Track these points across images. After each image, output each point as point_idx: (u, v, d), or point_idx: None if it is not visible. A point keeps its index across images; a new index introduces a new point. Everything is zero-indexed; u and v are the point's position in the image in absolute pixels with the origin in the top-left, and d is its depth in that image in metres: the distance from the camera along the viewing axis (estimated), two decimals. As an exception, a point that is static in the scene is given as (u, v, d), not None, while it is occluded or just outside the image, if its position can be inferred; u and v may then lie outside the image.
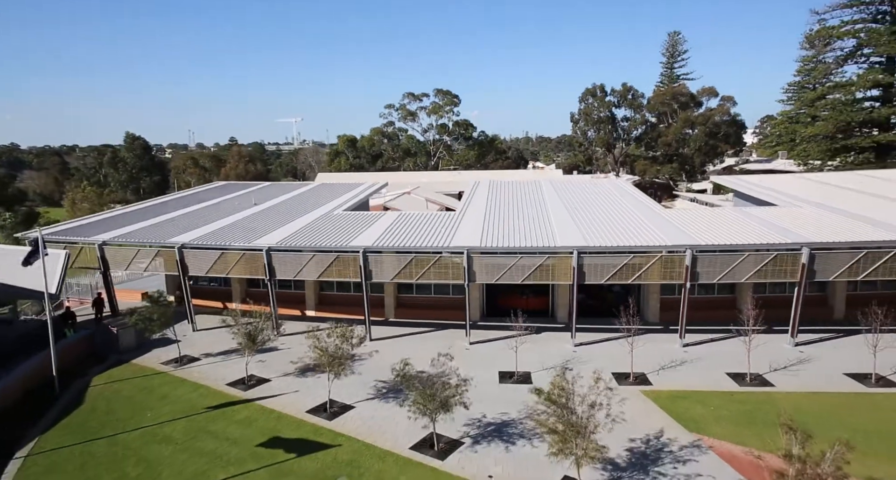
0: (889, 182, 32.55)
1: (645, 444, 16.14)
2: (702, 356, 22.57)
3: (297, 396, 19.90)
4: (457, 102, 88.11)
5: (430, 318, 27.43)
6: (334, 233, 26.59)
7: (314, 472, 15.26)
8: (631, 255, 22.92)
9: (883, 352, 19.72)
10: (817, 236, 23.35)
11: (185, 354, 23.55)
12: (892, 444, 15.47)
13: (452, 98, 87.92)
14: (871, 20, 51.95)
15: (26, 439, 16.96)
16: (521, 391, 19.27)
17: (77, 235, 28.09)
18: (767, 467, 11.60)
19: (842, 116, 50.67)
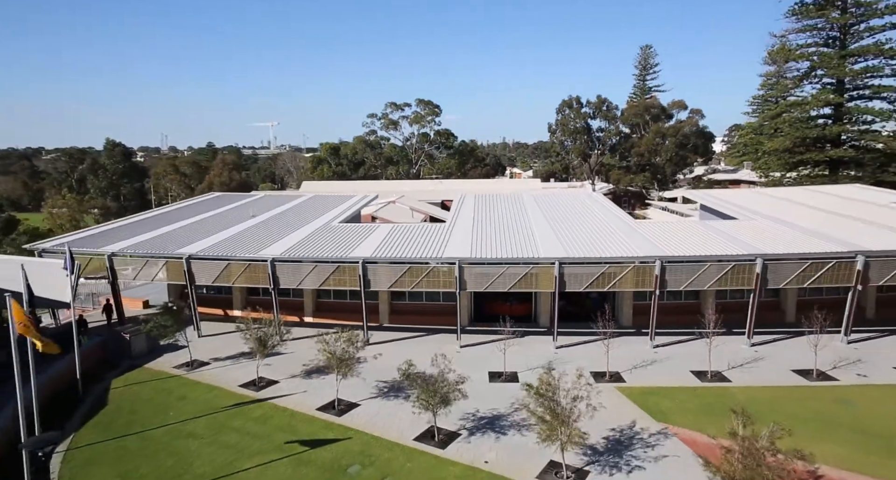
0: (833, 197, 35.94)
1: (619, 433, 18.49)
2: (670, 356, 25.13)
3: (306, 395, 21.76)
4: (438, 111, 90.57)
5: (422, 323, 29.46)
6: (333, 245, 28.52)
7: (330, 461, 17.20)
8: (607, 265, 25.41)
9: (823, 351, 22.57)
10: (770, 248, 26.19)
11: (195, 358, 25.18)
12: (823, 428, 18.12)
13: (434, 108, 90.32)
14: (823, 44, 56.10)
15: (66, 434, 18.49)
16: (509, 389, 21.52)
17: (84, 245, 29.38)
18: (719, 446, 14.00)
19: (798, 133, 54.53)
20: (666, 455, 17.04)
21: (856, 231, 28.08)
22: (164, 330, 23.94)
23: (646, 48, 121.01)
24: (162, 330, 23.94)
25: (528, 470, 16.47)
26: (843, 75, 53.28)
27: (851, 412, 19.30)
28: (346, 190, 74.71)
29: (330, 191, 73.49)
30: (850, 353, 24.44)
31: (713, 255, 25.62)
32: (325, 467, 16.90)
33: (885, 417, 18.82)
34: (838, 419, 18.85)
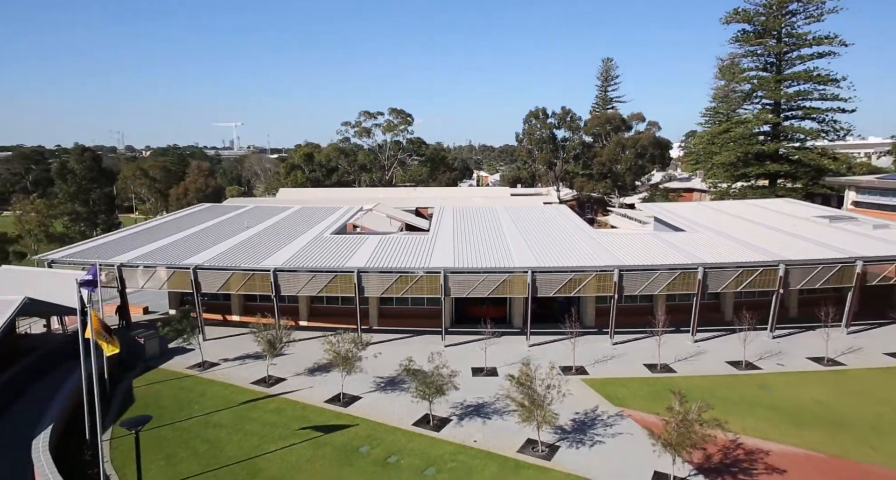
0: (765, 210, 40.96)
1: (584, 415, 22.19)
2: (626, 352, 29.10)
3: (313, 390, 24.73)
4: (410, 120, 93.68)
5: (408, 326, 32.67)
6: (329, 255, 31.47)
7: (343, 443, 20.29)
8: (573, 273, 29.22)
9: (751, 345, 26.98)
10: (710, 257, 30.51)
11: (205, 360, 27.74)
12: (746, 407, 22.24)
13: (406, 117, 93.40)
14: (762, 69, 62.02)
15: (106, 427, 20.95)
16: (490, 382, 25.01)
17: (92, 256, 31.43)
18: (662, 421, 17.77)
19: (741, 149, 60.18)
20: (621, 433, 20.82)
21: (780, 242, 32.80)
22: (181, 333, 26.43)
23: (607, 61, 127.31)
24: (178, 333, 26.43)
25: (510, 447, 19.95)
26: (779, 98, 59.19)
27: (769, 395, 23.56)
28: (323, 197, 77.16)
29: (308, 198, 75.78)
30: (773, 346, 28.95)
31: (663, 264, 29.75)
32: (340, 448, 19.98)
33: (794, 398, 23.14)
34: (758, 400, 23.06)
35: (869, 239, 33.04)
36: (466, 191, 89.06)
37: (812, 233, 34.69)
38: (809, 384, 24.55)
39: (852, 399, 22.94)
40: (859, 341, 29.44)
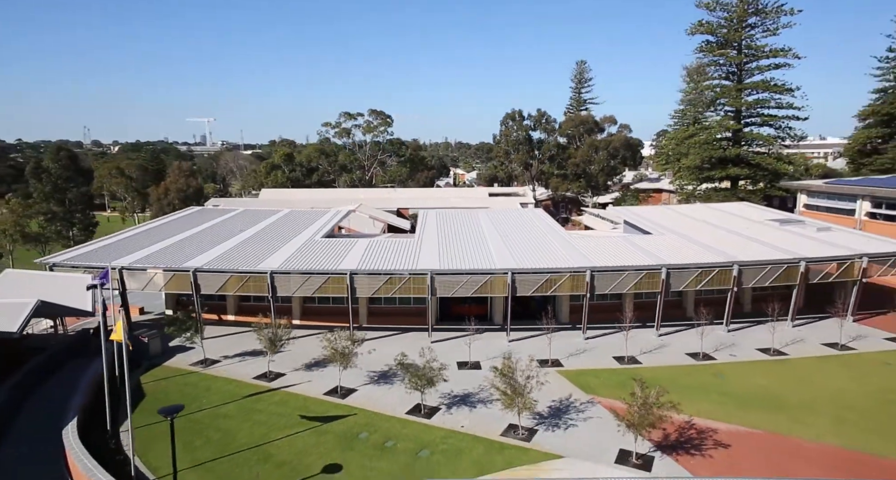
0: (724, 213, 44.41)
1: (559, 402, 24.80)
2: (597, 346, 31.86)
3: (311, 384, 26.81)
4: (389, 121, 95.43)
5: (396, 323, 34.90)
6: (322, 258, 33.47)
7: (344, 430, 22.48)
8: (549, 274, 31.83)
9: (708, 338, 30.02)
10: (673, 259, 33.48)
11: (206, 357, 29.52)
12: (701, 393, 25.13)
13: (385, 118, 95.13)
14: (725, 78, 65.86)
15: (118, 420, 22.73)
16: (475, 375, 27.47)
17: (92, 259, 32.84)
18: (625, 404, 20.43)
19: (705, 153, 63.88)
20: (591, 417, 23.49)
21: (735, 244, 36.02)
22: (185, 332, 28.17)
23: (581, 63, 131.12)
24: (182, 332, 28.16)
25: (494, 431, 22.42)
26: (740, 106, 63.02)
27: (722, 382, 26.56)
28: (305, 198, 78.57)
29: (290, 199, 77.17)
30: (727, 339, 32.08)
31: (631, 265, 32.58)
32: (341, 435, 22.18)
33: (743, 384, 26.18)
34: (712, 386, 26.02)
35: (812, 241, 36.53)
36: (446, 192, 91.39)
37: (764, 236, 38.05)
38: (756, 373, 27.66)
39: (791, 385, 26.09)
40: (802, 333, 32.84)
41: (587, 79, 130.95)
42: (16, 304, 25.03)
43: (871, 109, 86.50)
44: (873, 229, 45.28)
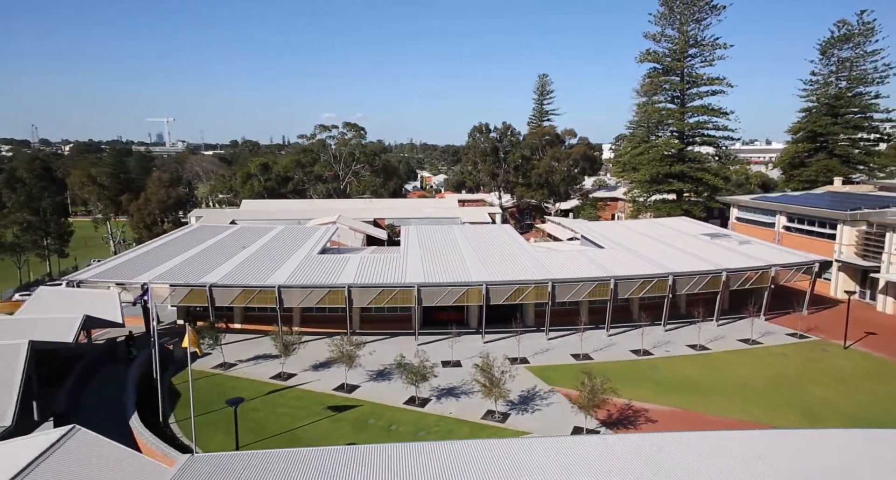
0: (666, 228, 51.44)
1: (527, 392, 30.57)
2: (558, 346, 37.87)
3: (321, 382, 31.82)
4: (363, 134, 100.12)
5: (385, 329, 40.11)
6: (321, 273, 38.43)
7: (354, 418, 27.67)
8: (517, 285, 37.67)
9: (648, 337, 36.48)
10: (620, 271, 39.81)
11: (225, 361, 34.11)
12: (640, 382, 31.32)
13: (359, 130, 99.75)
14: (670, 101, 73.54)
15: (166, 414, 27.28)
16: (457, 372, 32.99)
17: (114, 276, 36.88)
18: (577, 391, 26.32)
19: (653, 169, 71.36)
20: (552, 403, 29.37)
21: (672, 257, 42.73)
22: (208, 340, 32.71)
23: (543, 77, 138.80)
24: (206, 340, 32.69)
25: (476, 415, 28.00)
26: (683, 127, 70.72)
27: (657, 373, 32.93)
28: (286, 209, 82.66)
29: (272, 209, 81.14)
30: (664, 337, 38.64)
31: (585, 277, 38.75)
32: (353, 421, 27.37)
33: (672, 374, 32.60)
34: (649, 377, 32.33)
35: (734, 253, 43.63)
36: (419, 202, 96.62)
37: (696, 249, 44.98)
38: (684, 365, 34.20)
39: (710, 373, 32.69)
40: (723, 331, 39.76)
41: (549, 91, 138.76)
42: (67, 318, 29.15)
43: (798, 125, 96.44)
44: (788, 240, 53.20)
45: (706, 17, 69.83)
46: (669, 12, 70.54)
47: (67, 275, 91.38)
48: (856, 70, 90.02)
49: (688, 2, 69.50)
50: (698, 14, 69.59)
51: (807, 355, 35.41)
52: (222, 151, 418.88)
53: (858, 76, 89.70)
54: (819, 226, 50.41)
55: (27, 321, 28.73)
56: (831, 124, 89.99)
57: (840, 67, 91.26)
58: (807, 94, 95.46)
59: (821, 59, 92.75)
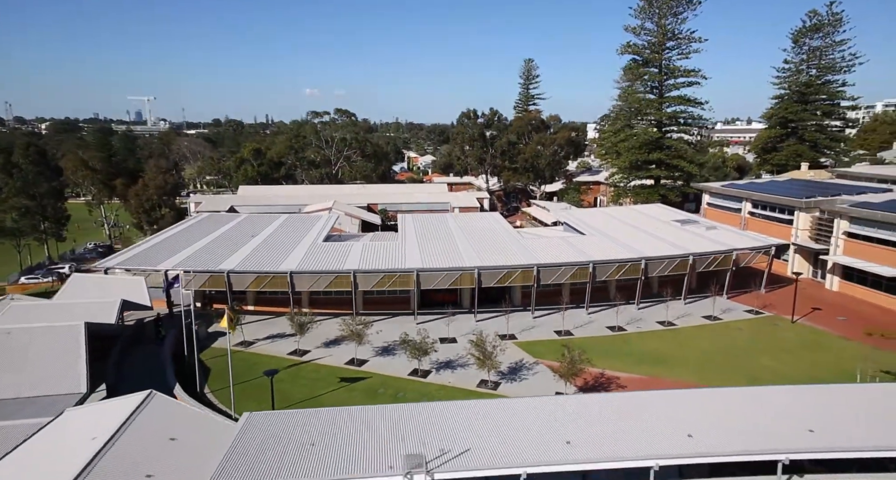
0: (642, 215, 55.88)
1: (515, 364, 34.94)
2: (543, 323, 42.24)
3: (333, 357, 35.88)
4: (355, 120, 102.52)
5: (385, 309, 44.11)
6: (327, 259, 42.16)
7: (365, 388, 31.83)
8: (506, 269, 41.82)
9: (622, 314, 41.06)
10: (599, 256, 44.07)
11: (245, 339, 37.95)
12: (614, 354, 35.87)
13: (351, 116, 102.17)
14: (649, 91, 77.42)
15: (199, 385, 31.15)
16: (453, 347, 37.21)
17: (136, 263, 40.30)
18: (559, 362, 30.71)
19: (632, 157, 75.56)
20: (537, 372, 33.80)
21: (645, 242, 47.15)
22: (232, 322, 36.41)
23: (528, 62, 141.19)
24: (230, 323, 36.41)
25: (471, 384, 32.30)
26: (660, 117, 74.77)
27: (629, 346, 37.52)
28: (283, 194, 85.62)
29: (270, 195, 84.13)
30: (637, 315, 43.27)
31: (567, 262, 42.98)
32: (364, 390, 31.54)
33: (642, 347, 37.22)
34: (622, 350, 36.91)
35: (701, 238, 48.19)
36: (410, 187, 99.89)
37: (667, 234, 49.46)
38: (653, 339, 38.85)
39: (675, 346, 37.38)
40: (690, 309, 44.49)
41: (534, 76, 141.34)
42: (107, 302, 32.69)
43: (771, 112, 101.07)
44: (753, 224, 58.00)
45: (683, 12, 73.40)
46: (649, 6, 73.88)
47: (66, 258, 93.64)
48: (825, 59, 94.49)
49: (666, -4, 72.84)
50: (676, 8, 73.05)
51: (759, 329, 40.30)
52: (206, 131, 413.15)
53: (827, 64, 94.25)
54: (779, 212, 55.17)
55: (72, 304, 32.18)
56: (801, 111, 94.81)
57: (811, 56, 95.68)
58: (779, 81, 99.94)
59: (793, 47, 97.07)
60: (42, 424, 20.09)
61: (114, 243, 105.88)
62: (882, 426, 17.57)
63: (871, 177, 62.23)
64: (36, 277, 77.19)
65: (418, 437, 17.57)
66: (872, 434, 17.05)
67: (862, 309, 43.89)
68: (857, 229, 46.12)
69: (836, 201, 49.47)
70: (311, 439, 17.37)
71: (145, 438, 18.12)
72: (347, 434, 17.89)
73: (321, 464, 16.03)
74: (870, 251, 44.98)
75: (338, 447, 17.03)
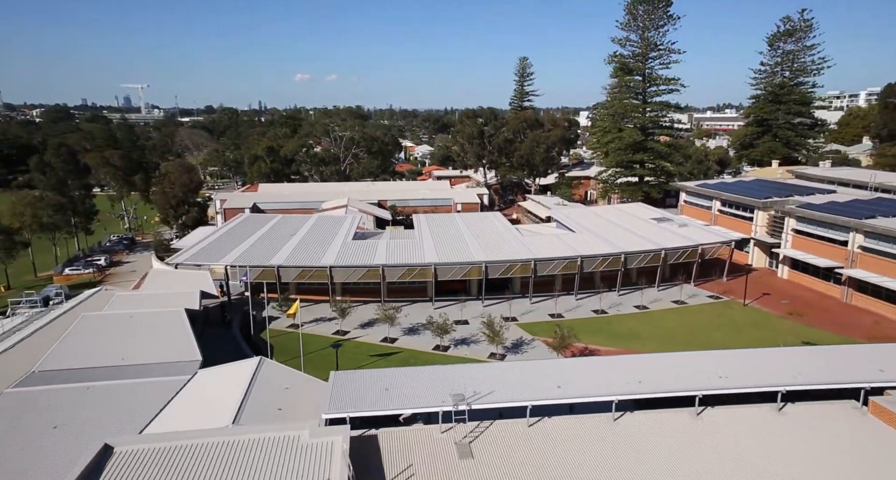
0: (623, 213, 64.20)
1: (517, 340, 43.35)
2: (539, 308, 50.64)
3: (369, 336, 44.16)
4: (364, 119, 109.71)
5: (406, 297, 52.32)
6: (359, 255, 50.26)
7: (400, 359, 40.13)
8: (508, 263, 50.07)
9: (605, 300, 49.59)
10: (585, 251, 52.41)
11: (294, 323, 46.11)
12: (597, 332, 44.32)
13: (362, 118, 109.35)
14: (633, 97, 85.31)
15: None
16: (467, 328, 45.54)
17: (199, 260, 48.23)
18: (552, 339, 39.09)
19: (618, 157, 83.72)
20: (535, 347, 42.26)
21: (625, 238, 55.50)
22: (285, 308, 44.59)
23: (523, 60, 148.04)
24: (283, 308, 44.58)
25: (483, 356, 40.72)
26: (644, 121, 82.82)
27: (609, 326, 46.02)
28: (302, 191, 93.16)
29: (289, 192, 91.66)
30: (617, 300, 51.80)
31: (559, 256, 51.27)
32: (399, 362, 39.82)
33: (619, 327, 45.74)
34: (603, 329, 45.42)
35: (673, 234, 56.61)
36: (415, 184, 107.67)
37: (644, 231, 57.85)
38: (629, 320, 47.38)
39: (646, 326, 45.92)
40: (661, 295, 53.06)
41: (529, 73, 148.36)
42: (189, 292, 40.68)
43: (748, 111, 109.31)
44: (722, 220, 66.48)
45: (664, 25, 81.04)
46: (633, 20, 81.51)
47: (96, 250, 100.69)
48: (797, 62, 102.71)
49: (649, 10, 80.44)
50: (658, 22, 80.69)
51: (717, 311, 48.97)
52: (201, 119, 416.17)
53: (800, 67, 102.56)
54: (743, 210, 63.63)
55: (165, 294, 40.15)
56: (775, 110, 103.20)
57: (785, 59, 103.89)
58: (756, 82, 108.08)
59: (769, 50, 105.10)
60: (185, 380, 28.26)
61: (134, 236, 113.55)
62: (769, 372, 25.71)
63: (821, 178, 70.63)
64: (77, 268, 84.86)
65: (459, 384, 25.60)
66: (761, 378, 25.18)
67: (803, 294, 52.68)
68: (803, 226, 54.70)
69: (787, 201, 57.94)
70: (385, 386, 25.44)
71: (268, 387, 26.26)
72: (410, 384, 25.99)
73: (399, 399, 24.11)
74: (812, 246, 53.61)
75: (406, 390, 25.12)
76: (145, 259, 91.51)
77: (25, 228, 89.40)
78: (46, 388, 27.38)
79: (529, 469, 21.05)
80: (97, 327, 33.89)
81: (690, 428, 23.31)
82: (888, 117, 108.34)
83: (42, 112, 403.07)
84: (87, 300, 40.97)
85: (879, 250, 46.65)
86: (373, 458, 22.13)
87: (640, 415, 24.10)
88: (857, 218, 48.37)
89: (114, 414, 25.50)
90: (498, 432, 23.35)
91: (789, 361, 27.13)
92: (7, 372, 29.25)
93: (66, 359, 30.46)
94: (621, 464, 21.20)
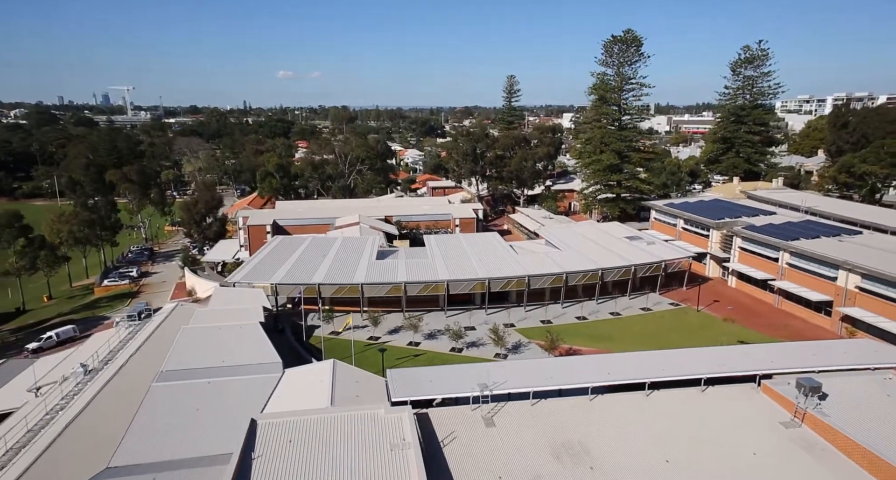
0: (600, 232, 75.55)
1: (516, 343, 54.18)
2: (532, 315, 61.58)
3: (397, 341, 54.71)
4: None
5: (421, 307, 62.89)
6: (384, 273, 60.76)
7: (425, 359, 50.72)
8: (506, 278, 60.94)
9: (585, 308, 60.83)
10: (570, 267, 63.40)
11: (334, 330, 56.48)
12: (580, 335, 55.42)
13: (364, 137, 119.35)
14: (610, 124, 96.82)
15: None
16: (474, 333, 56.36)
17: (254, 279, 58.34)
18: (544, 342, 49.98)
19: (597, 178, 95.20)
20: (530, 348, 53.20)
21: (602, 255, 66.72)
22: (330, 318, 54.94)
23: (510, 78, 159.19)
24: (329, 318, 54.92)
25: (489, 355, 51.52)
26: (619, 147, 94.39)
27: (589, 330, 57.15)
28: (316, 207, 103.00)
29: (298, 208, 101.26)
30: (596, 308, 62.97)
31: (548, 272, 62.28)
32: (424, 362, 50.42)
33: (597, 331, 56.89)
34: (585, 332, 56.50)
35: (642, 251, 67.99)
36: (416, 200, 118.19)
37: (618, 248, 69.18)
38: (605, 325, 58.59)
39: (619, 330, 57.12)
40: (631, 303, 64.44)
41: (516, 90, 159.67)
42: (253, 308, 50.86)
43: (714, 129, 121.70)
44: (685, 236, 78.14)
45: (637, 61, 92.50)
46: (609, 57, 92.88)
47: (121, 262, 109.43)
48: (756, 87, 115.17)
49: (623, 49, 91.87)
50: (631, 59, 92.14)
51: (675, 316, 60.41)
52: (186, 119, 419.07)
53: (758, 91, 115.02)
54: (701, 228, 75.30)
55: (239, 310, 50.28)
56: (737, 130, 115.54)
57: (745, 84, 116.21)
58: (720, 104, 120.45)
59: (732, 75, 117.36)
60: (278, 377, 38.59)
61: (152, 246, 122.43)
62: (697, 364, 36.77)
63: (767, 200, 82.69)
64: (114, 279, 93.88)
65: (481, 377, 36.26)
66: (691, 369, 36.20)
67: (745, 301, 64.44)
68: (746, 244, 66.45)
69: (736, 222, 69.66)
70: (429, 379, 36.06)
71: (344, 380, 36.69)
72: (446, 377, 36.63)
73: (441, 388, 34.67)
74: (753, 260, 65.37)
75: (444, 381, 35.74)
76: (169, 269, 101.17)
77: (63, 243, 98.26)
78: (179, 383, 37.55)
79: (534, 433, 31.92)
80: (195, 337, 44.01)
81: (642, 404, 34.34)
82: (836, 136, 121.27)
83: (24, 113, 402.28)
84: (172, 314, 50.92)
85: (801, 266, 58.45)
86: (426, 428, 32.85)
87: (609, 396, 35.09)
88: (784, 239, 60.15)
89: (235, 401, 35.78)
90: (511, 409, 34.17)
91: (713, 357, 38.45)
92: (141, 372, 39.36)
93: (182, 361, 40.57)
94: (595, 429, 32.18)
